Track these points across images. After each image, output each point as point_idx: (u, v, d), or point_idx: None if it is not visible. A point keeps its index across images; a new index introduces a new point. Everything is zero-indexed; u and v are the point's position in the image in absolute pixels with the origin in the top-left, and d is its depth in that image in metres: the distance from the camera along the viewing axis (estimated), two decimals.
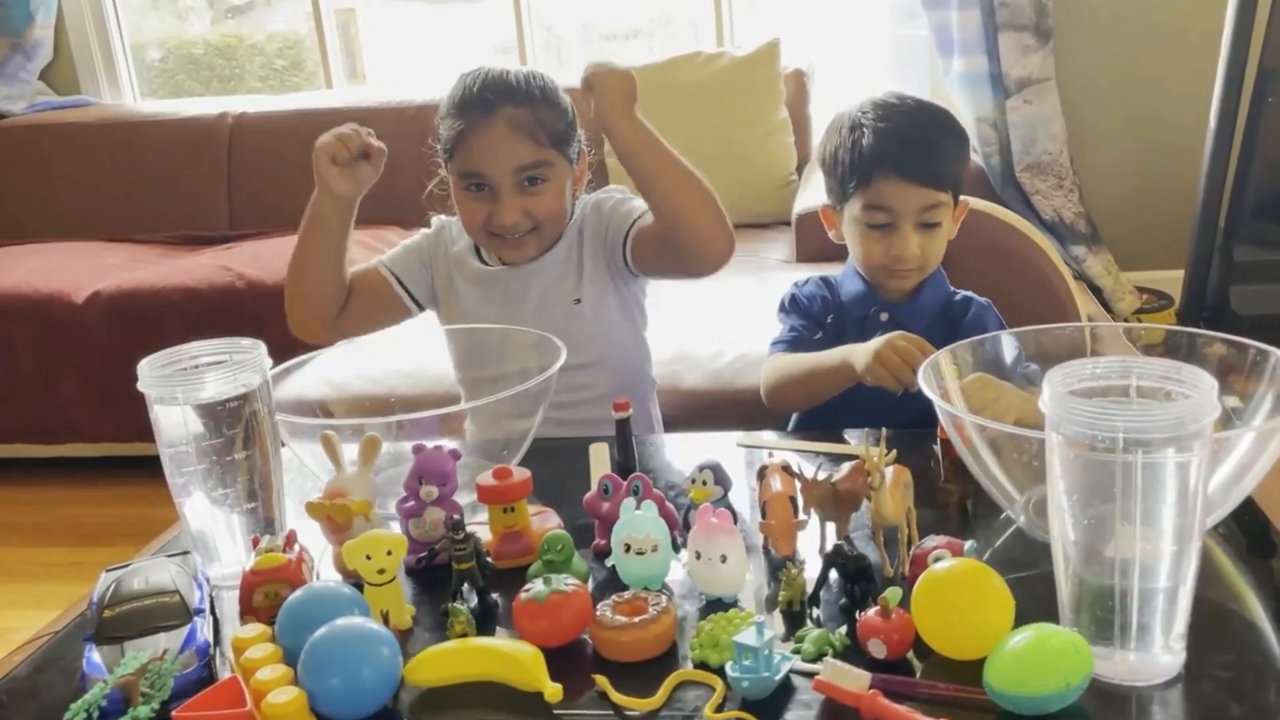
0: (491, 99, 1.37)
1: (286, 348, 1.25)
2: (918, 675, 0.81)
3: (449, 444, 1.04)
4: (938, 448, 1.12)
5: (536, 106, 1.39)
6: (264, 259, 2.80)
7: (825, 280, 1.46)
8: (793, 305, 1.45)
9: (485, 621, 0.92)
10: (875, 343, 1.21)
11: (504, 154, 1.36)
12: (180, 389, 0.99)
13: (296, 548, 0.97)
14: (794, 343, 1.42)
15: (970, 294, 1.44)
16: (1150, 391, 0.79)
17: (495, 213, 1.38)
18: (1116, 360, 0.80)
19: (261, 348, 1.04)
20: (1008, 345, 1.12)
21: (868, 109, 1.37)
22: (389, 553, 0.90)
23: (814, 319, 1.43)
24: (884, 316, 1.39)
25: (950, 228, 1.38)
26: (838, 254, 1.49)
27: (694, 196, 1.30)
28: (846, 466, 0.97)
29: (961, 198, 1.40)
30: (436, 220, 1.56)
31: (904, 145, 1.32)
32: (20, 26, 3.50)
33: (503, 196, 1.37)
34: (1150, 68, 3.07)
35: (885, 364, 1.18)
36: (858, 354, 1.24)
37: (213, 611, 0.94)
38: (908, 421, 1.22)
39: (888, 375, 1.18)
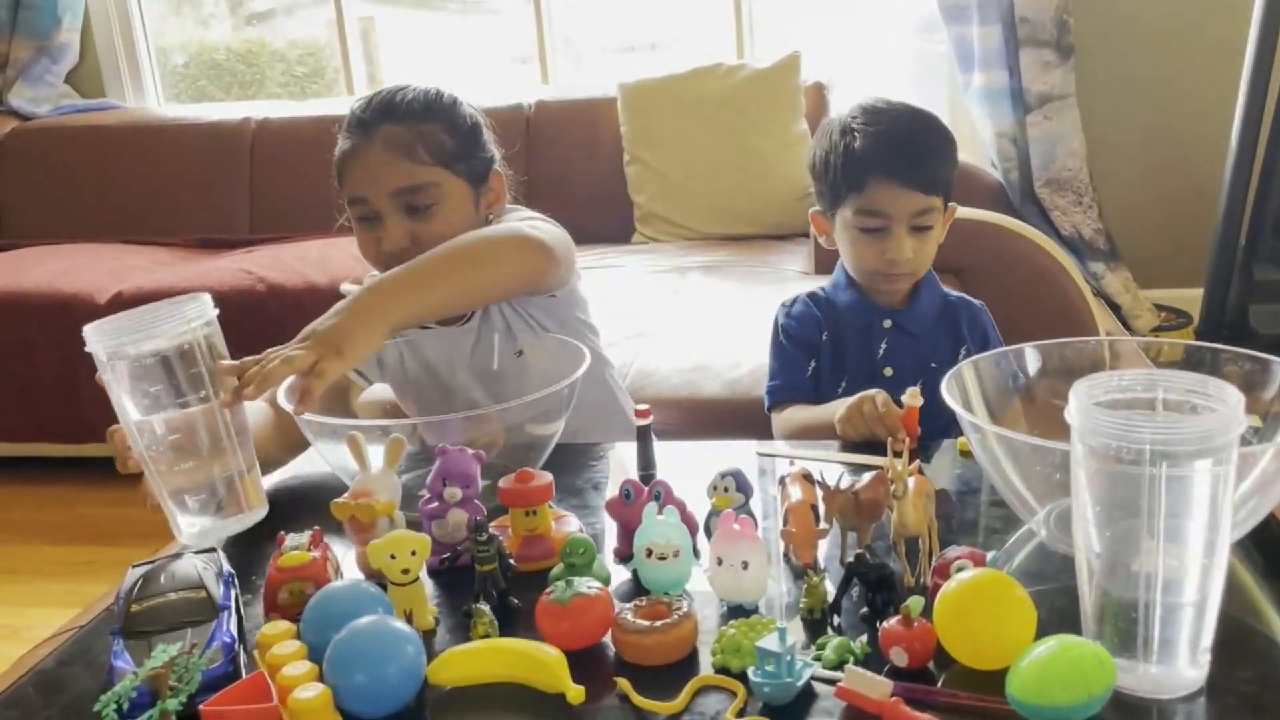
0: (370, 119, 1.30)
1: None
2: (939, 684, 0.81)
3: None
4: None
5: (419, 122, 1.30)
6: (285, 263, 2.83)
7: (813, 296, 1.47)
8: (785, 337, 1.45)
9: (506, 623, 0.93)
10: (851, 400, 1.23)
11: (382, 176, 1.28)
12: (121, 343, 0.93)
13: (321, 546, 0.98)
14: (778, 392, 1.44)
15: (963, 294, 1.45)
16: (1176, 404, 0.79)
17: (382, 238, 1.29)
18: (1143, 373, 0.81)
19: (205, 299, 0.98)
20: (1031, 358, 1.12)
21: (857, 114, 1.38)
22: (413, 553, 0.91)
23: (806, 345, 1.44)
24: (886, 324, 1.40)
25: (940, 231, 1.39)
26: None
27: (473, 277, 1.19)
28: (868, 476, 0.98)
29: (950, 203, 1.40)
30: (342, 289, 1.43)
31: (896, 149, 1.32)
32: (47, 29, 3.54)
33: (386, 221, 1.28)
34: (1171, 85, 3.07)
35: (853, 423, 1.20)
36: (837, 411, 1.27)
37: (238, 609, 0.94)
38: (930, 433, 1.23)
39: (853, 432, 1.21)
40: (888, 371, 1.38)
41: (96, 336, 0.94)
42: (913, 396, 1.17)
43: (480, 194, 1.37)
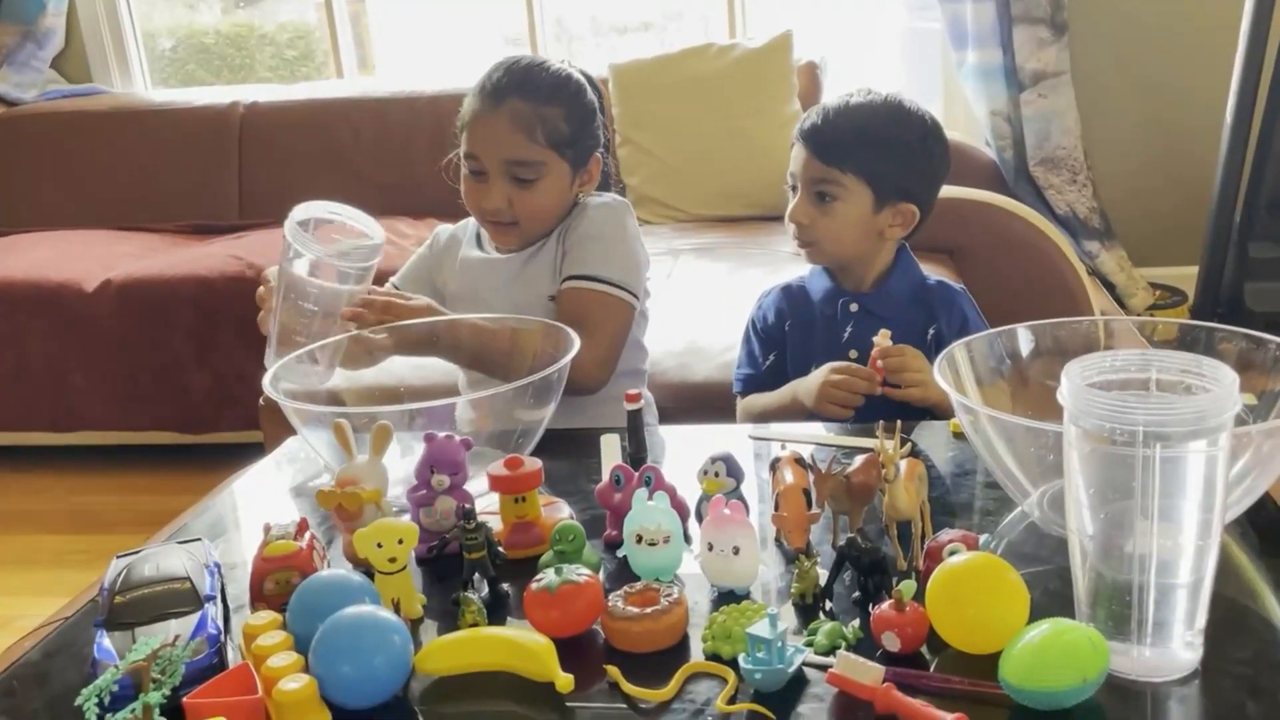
0: (503, 89, 1.41)
1: None
2: (932, 669, 0.80)
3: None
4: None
5: (544, 104, 1.41)
6: (274, 248, 2.79)
7: (787, 288, 1.51)
8: (753, 328, 1.52)
9: (495, 611, 0.92)
10: (817, 379, 1.31)
11: (499, 144, 1.40)
12: (313, 245, 1.23)
13: (307, 535, 0.97)
14: (746, 381, 1.50)
15: (944, 279, 1.46)
16: (1170, 385, 0.78)
17: (484, 195, 1.42)
18: (1136, 353, 0.80)
19: (375, 244, 1.26)
20: (1024, 338, 1.11)
21: (837, 97, 1.44)
22: (400, 541, 0.90)
23: (769, 337, 1.49)
24: (853, 306, 1.42)
25: (864, 217, 1.38)
26: None
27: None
28: (860, 459, 0.97)
29: (906, 204, 1.39)
30: (432, 232, 1.59)
31: (817, 122, 1.39)
32: (32, 14, 3.50)
33: (491, 181, 1.41)
34: (1166, 62, 3.06)
35: (831, 398, 1.29)
36: (802, 392, 1.34)
37: (223, 599, 0.94)
38: (919, 412, 1.22)
39: (836, 407, 1.29)
40: (853, 354, 1.39)
41: (290, 227, 1.25)
42: (884, 337, 1.27)
43: (577, 175, 1.46)
